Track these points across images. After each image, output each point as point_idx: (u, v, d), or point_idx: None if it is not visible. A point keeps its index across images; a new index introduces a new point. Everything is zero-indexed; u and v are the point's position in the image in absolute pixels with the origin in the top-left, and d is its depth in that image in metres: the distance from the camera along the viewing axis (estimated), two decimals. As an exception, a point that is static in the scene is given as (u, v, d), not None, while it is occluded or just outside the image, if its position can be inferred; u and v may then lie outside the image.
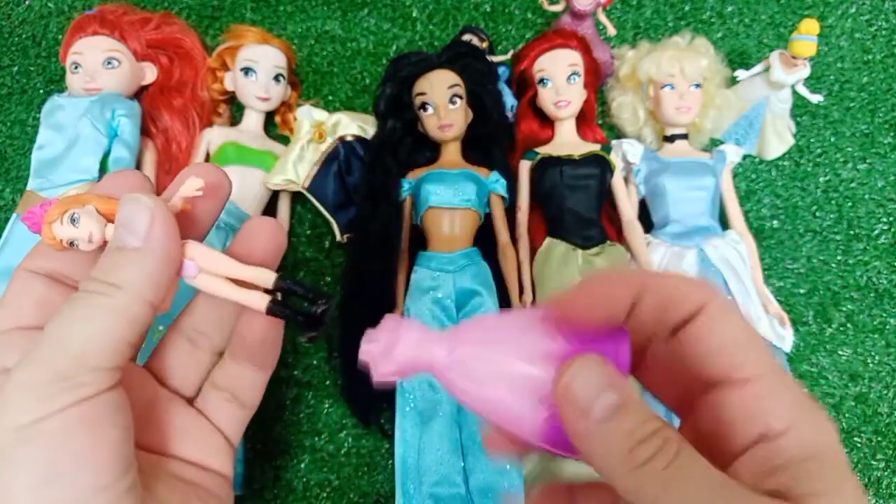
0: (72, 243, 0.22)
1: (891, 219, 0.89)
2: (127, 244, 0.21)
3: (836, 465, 0.17)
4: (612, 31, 0.90)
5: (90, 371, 0.19)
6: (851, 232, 0.88)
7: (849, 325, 0.83)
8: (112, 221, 0.22)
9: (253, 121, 0.85)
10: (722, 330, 0.18)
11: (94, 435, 0.19)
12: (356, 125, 0.84)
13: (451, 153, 0.81)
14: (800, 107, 0.92)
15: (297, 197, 0.86)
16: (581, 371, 0.18)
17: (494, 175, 0.80)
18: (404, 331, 0.21)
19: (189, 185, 0.23)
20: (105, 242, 0.22)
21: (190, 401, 0.26)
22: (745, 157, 0.90)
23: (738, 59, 0.96)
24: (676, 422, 0.21)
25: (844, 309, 0.84)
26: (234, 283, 0.23)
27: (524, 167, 0.83)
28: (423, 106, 0.79)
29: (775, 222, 0.88)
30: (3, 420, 0.18)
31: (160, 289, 0.21)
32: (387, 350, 0.20)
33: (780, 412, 0.17)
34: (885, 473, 0.77)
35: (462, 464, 0.68)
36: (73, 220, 0.22)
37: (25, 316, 0.22)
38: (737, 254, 0.79)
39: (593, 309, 0.19)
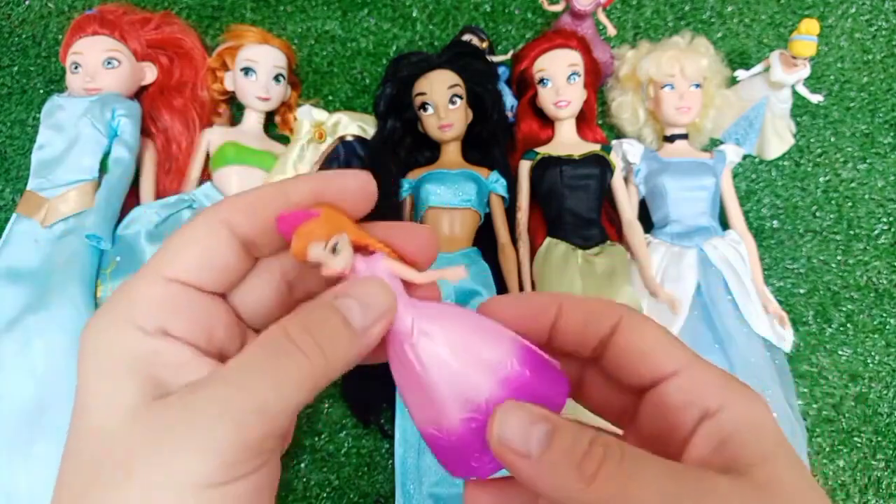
0: (317, 265, 0.20)
1: (891, 219, 0.89)
2: (353, 322, 0.20)
3: (771, 432, 0.18)
4: (612, 31, 0.90)
5: (276, 438, 0.18)
6: (851, 232, 0.88)
7: (849, 325, 0.83)
8: (359, 250, 0.21)
9: (253, 121, 0.85)
10: (642, 335, 0.21)
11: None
12: (356, 125, 0.85)
13: (451, 153, 0.81)
14: (800, 107, 0.92)
15: (297, 197, 0.86)
16: (506, 418, 0.19)
17: (494, 175, 0.80)
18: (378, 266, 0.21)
19: (456, 273, 0.22)
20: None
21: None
22: (745, 157, 0.90)
23: (738, 59, 0.96)
24: None
25: (844, 309, 0.84)
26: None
27: (524, 167, 0.83)
28: (423, 106, 0.79)
29: (775, 222, 0.88)
30: (188, 473, 0.17)
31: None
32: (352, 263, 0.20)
33: (712, 392, 0.19)
34: (885, 473, 0.76)
35: (462, 464, 0.68)
36: (334, 250, 0.20)
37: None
38: (737, 254, 0.79)
39: (522, 314, 0.22)
